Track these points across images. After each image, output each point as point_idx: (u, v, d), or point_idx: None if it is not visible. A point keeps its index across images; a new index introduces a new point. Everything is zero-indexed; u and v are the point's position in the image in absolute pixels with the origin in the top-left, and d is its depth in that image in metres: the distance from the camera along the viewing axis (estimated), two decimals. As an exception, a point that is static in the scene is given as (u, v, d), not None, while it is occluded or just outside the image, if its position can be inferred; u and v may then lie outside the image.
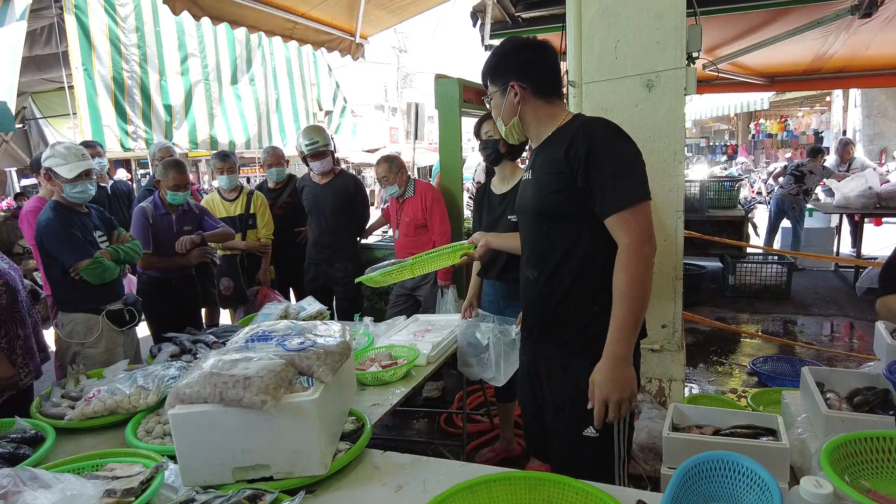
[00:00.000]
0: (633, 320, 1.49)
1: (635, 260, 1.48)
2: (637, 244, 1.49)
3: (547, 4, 4.50)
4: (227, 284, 4.04)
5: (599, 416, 1.52)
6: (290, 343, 1.58)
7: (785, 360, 4.30)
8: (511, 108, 1.69)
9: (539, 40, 1.73)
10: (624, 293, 1.49)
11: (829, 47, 5.65)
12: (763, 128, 21.28)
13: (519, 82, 1.66)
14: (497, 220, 2.79)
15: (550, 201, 1.63)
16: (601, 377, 1.51)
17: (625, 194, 1.51)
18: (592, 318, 1.62)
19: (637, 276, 1.48)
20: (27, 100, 6.42)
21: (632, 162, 1.56)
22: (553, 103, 1.70)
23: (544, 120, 1.69)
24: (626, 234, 1.50)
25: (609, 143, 1.56)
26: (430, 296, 3.70)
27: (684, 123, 2.91)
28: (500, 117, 1.73)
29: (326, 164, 3.95)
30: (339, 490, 1.46)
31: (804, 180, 7.18)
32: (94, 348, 2.73)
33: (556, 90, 1.71)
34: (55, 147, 2.69)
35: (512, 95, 1.67)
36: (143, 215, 3.42)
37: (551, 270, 1.67)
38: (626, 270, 1.49)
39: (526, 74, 1.67)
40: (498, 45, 1.77)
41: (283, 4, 4.16)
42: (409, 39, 28.86)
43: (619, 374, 1.50)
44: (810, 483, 1.10)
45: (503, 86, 1.68)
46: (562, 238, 1.64)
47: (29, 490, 1.23)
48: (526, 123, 1.71)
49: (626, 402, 1.51)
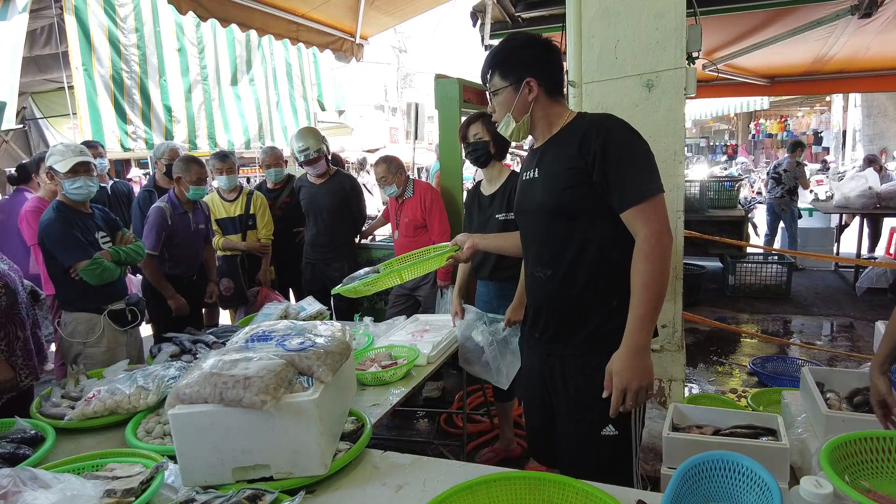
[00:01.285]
0: (652, 310, 1.50)
1: (658, 251, 1.49)
2: (658, 236, 1.49)
3: (547, 4, 4.50)
4: (227, 285, 4.04)
5: (616, 405, 1.51)
6: (290, 343, 1.58)
7: (785, 360, 4.30)
8: (524, 104, 1.66)
9: (546, 38, 1.71)
10: (645, 283, 1.49)
11: (830, 49, 5.66)
12: (763, 128, 21.29)
13: (535, 78, 1.63)
14: (487, 220, 2.81)
15: (566, 197, 1.61)
16: (620, 365, 1.50)
17: (642, 187, 1.52)
18: (611, 314, 1.61)
19: (657, 267, 1.49)
20: (27, 100, 6.41)
21: (646, 156, 1.57)
22: (560, 102, 1.70)
23: (553, 118, 1.68)
24: (645, 226, 1.50)
25: (623, 138, 1.56)
26: (430, 296, 3.70)
27: (684, 123, 2.91)
28: (511, 113, 1.68)
29: (320, 167, 3.96)
30: (339, 490, 1.45)
31: (783, 180, 7.18)
32: (96, 348, 2.73)
33: (563, 89, 1.72)
34: (55, 146, 2.72)
35: (527, 91, 1.64)
36: (161, 216, 3.36)
37: (567, 268, 1.65)
38: (647, 261, 1.49)
39: (540, 71, 1.65)
40: (506, 38, 1.73)
41: (285, 6, 4.17)
42: (409, 39, 28.85)
43: (639, 362, 1.49)
44: (810, 483, 1.10)
45: (517, 81, 1.64)
46: (576, 235, 1.62)
47: (29, 490, 1.23)
48: (535, 121, 1.69)
49: (644, 391, 1.51)
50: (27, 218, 3.36)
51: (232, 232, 4.03)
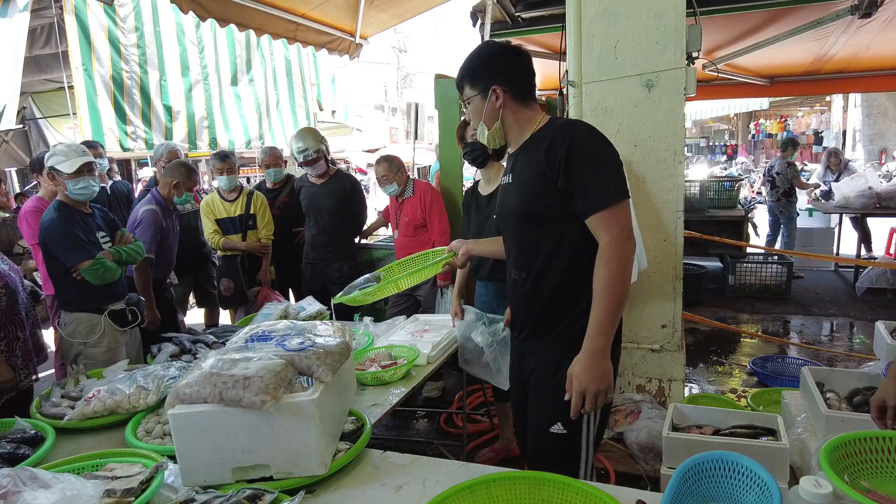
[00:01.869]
0: (612, 315, 1.53)
1: (617, 257, 1.52)
2: (618, 242, 1.53)
3: (547, 4, 4.50)
4: (227, 285, 4.05)
5: (577, 407, 1.54)
6: (289, 343, 1.58)
7: (785, 360, 4.30)
8: (493, 111, 1.70)
9: (516, 45, 1.74)
10: (604, 289, 1.53)
11: (830, 48, 5.66)
12: (763, 128, 21.28)
13: (501, 86, 1.67)
14: (485, 220, 2.81)
15: (535, 203, 1.65)
16: (580, 368, 1.53)
17: (605, 194, 1.55)
18: (579, 316, 1.65)
19: (617, 272, 1.52)
20: (27, 100, 6.41)
21: (610, 162, 1.60)
22: (531, 107, 1.72)
23: (523, 123, 1.71)
24: (607, 233, 1.54)
25: (588, 144, 1.59)
26: (430, 296, 3.70)
27: (684, 123, 2.91)
28: (483, 121, 1.73)
29: (319, 167, 3.96)
30: (339, 490, 1.46)
31: (777, 184, 7.13)
32: (96, 348, 2.74)
33: (533, 94, 1.74)
34: (56, 147, 2.71)
35: (494, 99, 1.68)
36: (156, 218, 3.39)
37: (539, 271, 1.70)
38: (606, 267, 1.53)
39: (507, 78, 1.68)
40: (476, 47, 1.77)
41: (284, 5, 4.17)
42: (409, 39, 28.86)
43: (598, 365, 1.53)
44: (810, 483, 1.10)
45: (484, 89, 1.69)
46: (547, 239, 1.67)
47: (29, 490, 1.23)
48: (506, 127, 1.73)
49: (603, 394, 1.54)
50: (27, 218, 3.35)
51: (232, 232, 4.03)
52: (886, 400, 1.57)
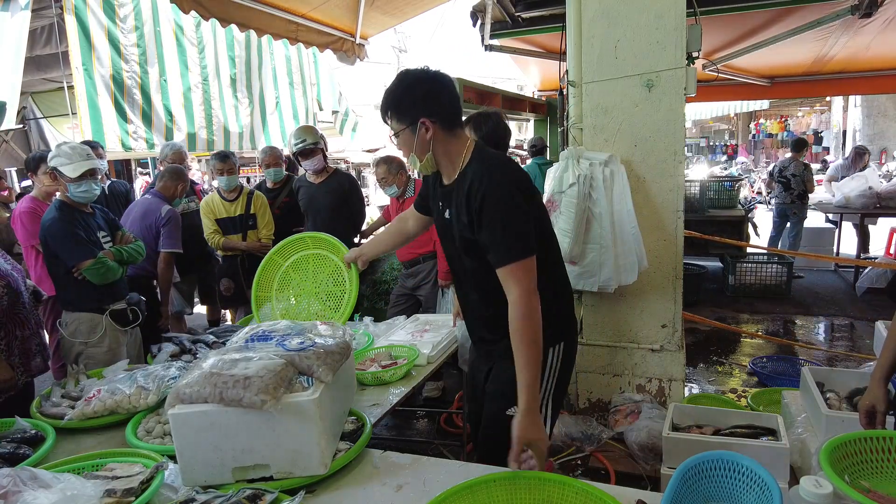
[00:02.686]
0: (534, 373, 1.56)
1: (527, 310, 1.56)
2: (526, 296, 1.56)
3: (547, 4, 4.50)
4: (227, 285, 4.05)
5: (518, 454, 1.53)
6: (290, 343, 1.58)
7: (785, 360, 4.30)
8: (423, 144, 1.67)
9: (436, 71, 1.71)
10: (523, 352, 1.56)
11: (830, 49, 5.66)
12: (763, 128, 21.31)
13: (428, 118, 1.64)
14: None
15: (469, 243, 1.69)
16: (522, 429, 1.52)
17: (507, 253, 1.58)
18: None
19: (528, 326, 1.56)
20: (27, 100, 6.41)
21: (518, 216, 1.60)
22: (458, 135, 1.72)
23: (453, 156, 1.71)
24: (514, 287, 1.57)
25: (497, 198, 1.59)
26: (431, 295, 3.70)
27: (684, 123, 2.91)
28: (414, 154, 1.71)
29: (317, 161, 3.95)
30: (339, 490, 1.46)
31: (792, 185, 7.08)
32: (98, 348, 2.74)
33: (460, 121, 1.74)
34: (60, 147, 2.70)
35: (423, 131, 1.65)
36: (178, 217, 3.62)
37: (481, 293, 1.77)
38: (517, 324, 1.56)
39: (433, 109, 1.65)
40: (397, 76, 1.72)
41: (284, 5, 4.17)
42: (409, 39, 28.78)
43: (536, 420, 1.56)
44: (810, 483, 1.10)
45: (412, 122, 1.66)
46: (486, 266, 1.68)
47: (29, 490, 1.23)
48: (437, 157, 1.71)
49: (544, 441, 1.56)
50: (22, 219, 3.33)
51: (232, 232, 4.02)
52: (876, 405, 1.58)
